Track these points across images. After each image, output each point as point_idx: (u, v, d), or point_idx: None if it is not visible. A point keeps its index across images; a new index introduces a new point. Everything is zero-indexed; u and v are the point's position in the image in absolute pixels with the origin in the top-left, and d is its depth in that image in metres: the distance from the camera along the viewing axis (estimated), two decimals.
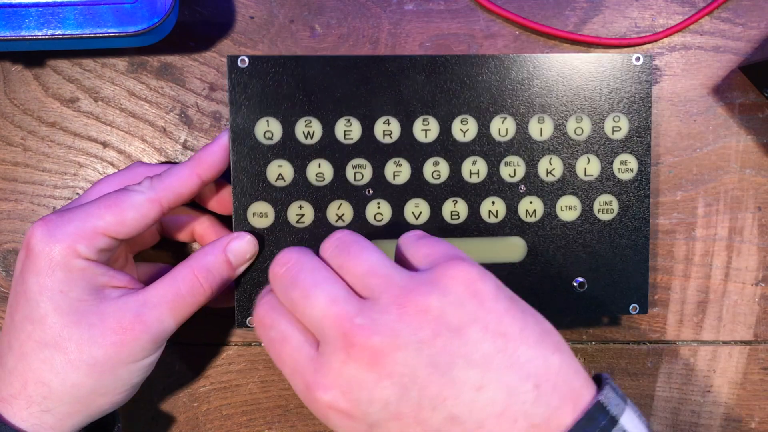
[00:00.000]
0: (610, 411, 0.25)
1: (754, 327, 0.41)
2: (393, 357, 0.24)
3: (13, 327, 0.30)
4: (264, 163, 0.34)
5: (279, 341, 0.27)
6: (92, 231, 0.30)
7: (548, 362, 0.25)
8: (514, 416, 0.24)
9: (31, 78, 0.38)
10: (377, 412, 0.24)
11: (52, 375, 0.29)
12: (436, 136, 0.35)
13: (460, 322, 0.25)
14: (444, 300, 0.25)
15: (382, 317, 0.25)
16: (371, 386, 0.24)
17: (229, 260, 0.32)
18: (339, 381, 0.25)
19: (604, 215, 0.36)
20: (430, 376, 0.24)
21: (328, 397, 0.25)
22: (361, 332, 0.25)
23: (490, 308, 0.26)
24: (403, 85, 0.34)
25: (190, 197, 0.32)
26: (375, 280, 0.26)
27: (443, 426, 0.24)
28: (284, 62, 0.34)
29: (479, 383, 0.24)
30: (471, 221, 0.35)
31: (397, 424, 0.25)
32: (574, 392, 0.25)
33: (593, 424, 0.24)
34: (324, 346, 0.26)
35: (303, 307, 0.26)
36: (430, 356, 0.24)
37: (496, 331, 0.25)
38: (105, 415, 0.31)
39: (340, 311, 0.25)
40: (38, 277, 0.29)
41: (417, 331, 0.25)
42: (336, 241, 0.28)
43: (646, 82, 0.36)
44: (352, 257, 0.27)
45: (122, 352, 0.29)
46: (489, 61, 0.35)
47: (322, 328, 0.26)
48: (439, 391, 0.24)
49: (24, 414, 0.29)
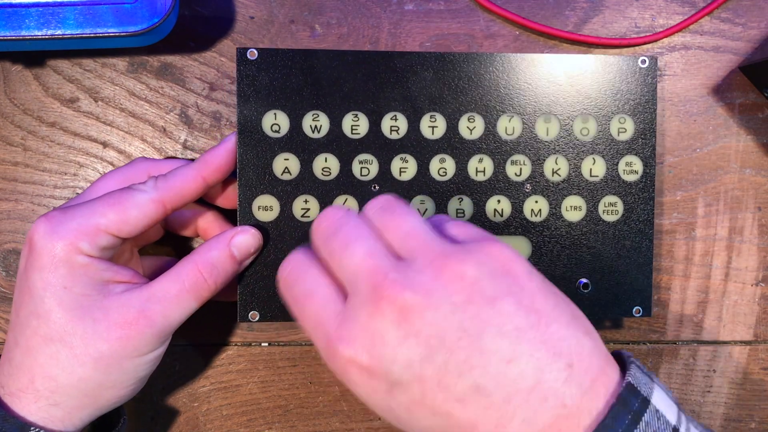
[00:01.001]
0: (641, 392, 0.24)
1: (754, 327, 0.41)
2: (422, 316, 0.24)
3: (18, 322, 0.30)
4: (270, 156, 0.34)
5: (303, 297, 0.27)
6: (95, 228, 0.30)
7: (581, 343, 0.25)
8: (545, 394, 0.23)
9: (31, 78, 0.38)
10: (399, 371, 0.24)
11: (59, 370, 0.29)
12: (443, 133, 0.35)
13: (494, 293, 0.24)
14: (480, 270, 0.25)
15: (417, 276, 0.25)
16: (396, 343, 0.24)
17: (233, 254, 0.32)
18: (363, 335, 0.24)
19: (608, 216, 0.36)
20: (459, 341, 0.24)
21: (350, 351, 0.24)
22: (392, 286, 0.24)
23: (524, 285, 0.25)
24: (411, 81, 0.35)
25: (193, 198, 0.33)
26: (415, 241, 0.26)
27: (467, 395, 0.24)
28: (293, 56, 0.34)
29: (510, 355, 0.24)
30: (476, 219, 0.35)
31: (419, 387, 0.24)
32: (605, 376, 0.24)
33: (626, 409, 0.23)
34: (353, 299, 0.25)
35: (340, 257, 0.26)
36: (462, 321, 0.24)
37: (529, 306, 0.25)
38: (113, 408, 0.32)
39: (375, 264, 0.25)
40: (42, 273, 0.29)
41: (451, 294, 0.24)
42: (382, 201, 0.28)
43: (652, 84, 0.36)
44: (396, 217, 0.27)
45: (127, 347, 0.30)
46: (497, 60, 0.35)
47: (356, 279, 0.25)
48: (467, 358, 0.24)
49: (32, 408, 0.29)
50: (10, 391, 0.30)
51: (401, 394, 0.24)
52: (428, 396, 0.24)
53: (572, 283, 0.36)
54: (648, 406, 0.24)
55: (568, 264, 0.36)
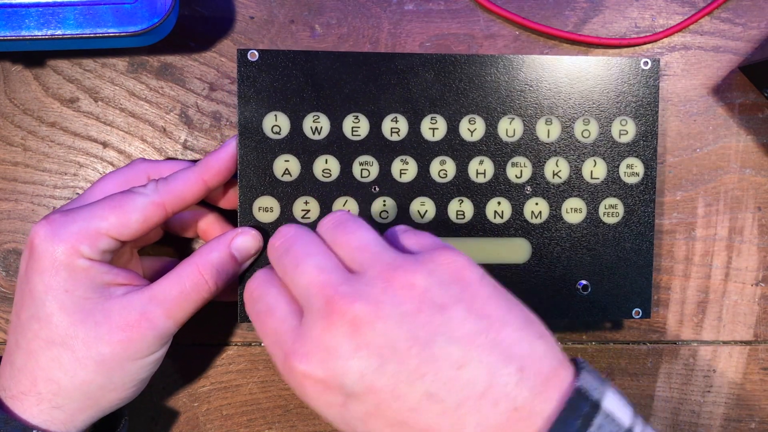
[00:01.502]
0: (591, 396, 0.24)
1: (754, 327, 0.41)
2: (373, 326, 0.24)
3: (20, 325, 0.30)
4: (271, 158, 0.34)
5: (264, 313, 0.27)
6: (95, 232, 0.30)
7: (533, 346, 0.25)
8: (496, 398, 0.24)
9: (31, 78, 0.38)
10: (353, 383, 0.24)
11: (61, 373, 0.29)
12: (443, 134, 0.35)
13: (444, 301, 0.25)
14: (430, 279, 0.25)
15: (366, 288, 0.25)
16: (348, 355, 0.24)
17: (233, 256, 0.32)
18: (317, 349, 0.25)
19: (609, 218, 0.36)
20: (409, 350, 0.24)
21: (304, 366, 0.25)
22: (343, 299, 0.25)
23: (475, 292, 0.26)
24: (412, 83, 0.35)
25: (194, 202, 0.33)
26: (365, 254, 0.27)
27: (420, 403, 0.24)
28: (294, 57, 0.34)
29: (460, 361, 0.24)
30: (476, 221, 0.35)
31: (373, 398, 0.24)
32: (558, 378, 0.25)
33: (576, 413, 0.24)
34: (307, 315, 0.26)
35: (292, 274, 0.27)
36: (411, 329, 0.24)
37: (480, 312, 0.25)
38: (114, 410, 0.32)
39: (326, 279, 0.26)
40: (42, 276, 0.29)
41: (400, 304, 0.25)
42: (334, 218, 0.29)
43: (654, 86, 0.36)
44: (347, 233, 0.28)
45: (129, 349, 0.30)
46: (498, 62, 0.35)
47: (308, 294, 0.26)
48: (418, 366, 0.24)
49: (35, 410, 0.29)
50: (12, 394, 0.30)
51: (356, 407, 0.24)
52: (382, 407, 0.24)
53: (572, 285, 0.36)
54: (599, 410, 0.24)
55: (568, 266, 0.36)
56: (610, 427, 0.24)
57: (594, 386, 0.25)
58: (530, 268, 0.36)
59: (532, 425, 0.24)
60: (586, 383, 0.25)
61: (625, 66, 0.36)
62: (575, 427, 0.23)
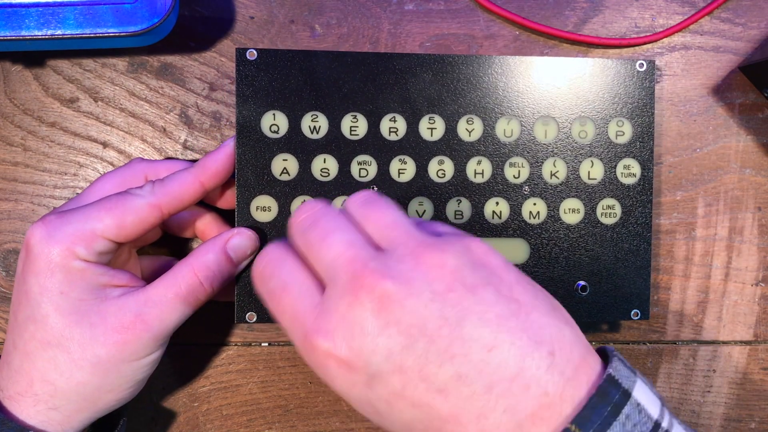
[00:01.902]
0: (622, 384, 0.24)
1: (754, 327, 0.41)
2: (403, 304, 0.23)
3: (16, 326, 0.30)
4: (269, 157, 0.34)
5: (279, 290, 0.27)
6: (91, 233, 0.30)
7: (562, 332, 0.24)
8: (527, 382, 0.23)
9: (31, 78, 0.38)
10: (379, 362, 0.23)
11: (57, 374, 0.29)
12: (441, 135, 0.35)
13: (474, 282, 0.24)
14: (460, 260, 0.25)
15: (396, 265, 0.24)
16: (376, 333, 0.23)
17: (229, 257, 0.32)
18: (342, 326, 0.24)
19: (606, 219, 0.36)
20: (439, 330, 0.23)
21: (327, 344, 0.24)
22: (372, 275, 0.24)
23: (502, 276, 0.25)
24: (410, 83, 0.35)
25: (191, 203, 0.32)
26: (396, 232, 0.26)
27: (449, 384, 0.23)
28: (292, 56, 0.34)
29: (491, 343, 0.23)
30: (474, 221, 0.35)
31: (399, 378, 0.23)
32: (587, 365, 0.24)
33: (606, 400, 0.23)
34: (331, 290, 0.25)
35: (318, 248, 0.26)
36: (442, 309, 0.23)
37: (509, 296, 0.24)
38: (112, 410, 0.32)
39: (354, 254, 0.25)
40: (38, 278, 0.29)
41: (431, 282, 0.24)
42: (363, 195, 0.28)
43: (650, 88, 0.36)
44: (376, 210, 0.27)
45: (125, 351, 0.30)
46: (496, 63, 0.35)
47: (334, 269, 0.25)
48: (448, 346, 0.23)
49: (31, 411, 0.29)
50: (8, 394, 0.30)
51: (381, 387, 0.24)
52: (409, 387, 0.23)
53: (570, 286, 0.36)
54: (629, 399, 0.23)
55: (566, 266, 0.36)
56: (638, 417, 0.23)
57: (625, 375, 0.24)
58: (528, 269, 0.36)
59: (562, 411, 0.23)
60: (618, 371, 0.24)
61: (621, 68, 0.36)
62: (604, 414, 0.23)
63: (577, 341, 0.25)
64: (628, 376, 0.24)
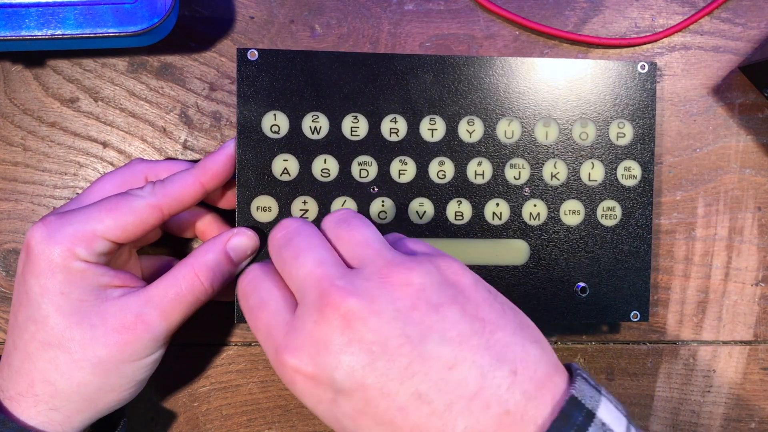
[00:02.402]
0: (585, 405, 0.23)
1: (754, 327, 0.41)
2: (366, 322, 0.24)
3: (17, 327, 0.30)
4: (270, 157, 0.34)
5: (257, 307, 0.27)
6: (91, 234, 0.30)
7: (526, 350, 0.25)
8: (487, 401, 0.23)
9: (31, 78, 0.38)
10: (342, 379, 0.24)
11: (58, 375, 0.29)
12: (442, 135, 0.35)
13: (440, 301, 0.25)
14: (426, 279, 0.25)
15: (363, 283, 0.25)
16: (339, 350, 0.24)
17: (230, 257, 0.32)
18: (308, 343, 0.24)
19: (607, 221, 0.36)
20: (400, 348, 0.24)
21: (295, 360, 0.25)
22: (338, 293, 0.25)
23: (469, 295, 0.26)
24: (411, 84, 0.35)
25: (192, 204, 0.32)
26: (366, 251, 0.27)
27: (409, 403, 0.23)
28: (293, 57, 0.34)
29: (452, 362, 0.24)
30: (475, 222, 0.35)
31: (362, 395, 0.24)
32: (553, 384, 0.24)
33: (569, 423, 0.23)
34: (301, 308, 0.26)
35: (291, 266, 0.27)
36: (404, 327, 0.24)
37: (474, 315, 0.25)
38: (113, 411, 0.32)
39: (323, 272, 0.26)
40: (38, 278, 0.29)
41: (395, 300, 0.25)
42: (338, 214, 0.29)
43: (651, 89, 0.36)
44: (350, 228, 0.28)
45: (125, 351, 0.30)
46: (497, 63, 0.35)
47: (304, 288, 0.26)
48: (408, 365, 0.24)
49: (32, 412, 0.29)
50: (9, 395, 0.30)
51: (345, 403, 0.24)
52: (371, 404, 0.24)
53: (570, 287, 0.36)
54: (593, 420, 0.23)
55: (566, 268, 0.36)
56: None
57: (589, 394, 0.24)
58: (528, 270, 0.36)
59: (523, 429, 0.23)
60: (581, 391, 0.24)
61: (622, 69, 0.36)
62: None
63: (544, 359, 0.25)
64: (592, 395, 0.24)
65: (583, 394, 0.24)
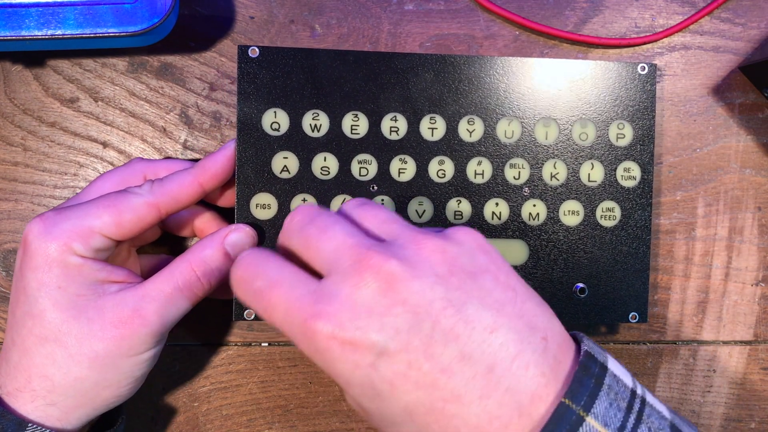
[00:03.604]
0: (598, 359, 0.25)
1: (754, 327, 0.41)
2: (409, 285, 0.24)
3: (14, 322, 0.30)
4: (269, 154, 0.34)
5: (267, 288, 0.26)
6: (88, 230, 0.30)
7: (552, 321, 0.26)
8: (527, 362, 0.24)
9: (31, 78, 0.38)
10: (386, 340, 0.23)
11: (55, 369, 0.29)
12: (442, 135, 0.35)
13: (474, 269, 0.25)
14: (459, 248, 0.26)
15: (399, 250, 0.25)
16: (383, 311, 0.24)
17: (227, 253, 0.32)
18: (345, 307, 0.24)
19: (606, 221, 0.36)
20: (444, 310, 0.24)
21: (329, 326, 0.24)
22: (378, 255, 0.24)
23: (499, 264, 0.26)
24: (412, 82, 0.35)
25: (189, 204, 0.33)
26: (393, 226, 0.27)
27: (453, 363, 0.24)
28: (294, 54, 0.34)
29: (492, 325, 0.24)
30: (474, 221, 0.35)
31: (405, 357, 0.24)
32: (570, 348, 0.26)
33: (589, 373, 0.24)
34: (334, 276, 0.25)
35: (318, 240, 0.26)
36: (446, 291, 0.24)
37: (506, 283, 0.26)
38: (111, 409, 0.32)
39: (357, 241, 0.25)
40: (36, 273, 0.29)
41: (434, 266, 0.25)
42: (357, 200, 0.29)
43: (651, 91, 0.36)
44: (374, 208, 0.28)
45: (122, 346, 0.30)
46: (497, 63, 0.35)
47: (336, 258, 0.25)
48: (453, 327, 0.24)
49: (29, 407, 0.29)
50: (7, 390, 0.30)
51: (386, 366, 0.24)
52: (414, 366, 0.24)
53: (568, 288, 0.36)
54: (606, 371, 0.25)
55: (565, 268, 0.36)
56: (617, 386, 0.25)
57: (598, 351, 0.26)
58: (527, 270, 0.36)
59: (554, 390, 0.24)
60: (592, 348, 0.26)
61: (622, 70, 0.36)
62: (590, 385, 0.24)
63: (562, 330, 0.26)
64: (600, 352, 0.26)
65: (594, 350, 0.26)
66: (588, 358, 0.25)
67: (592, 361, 0.25)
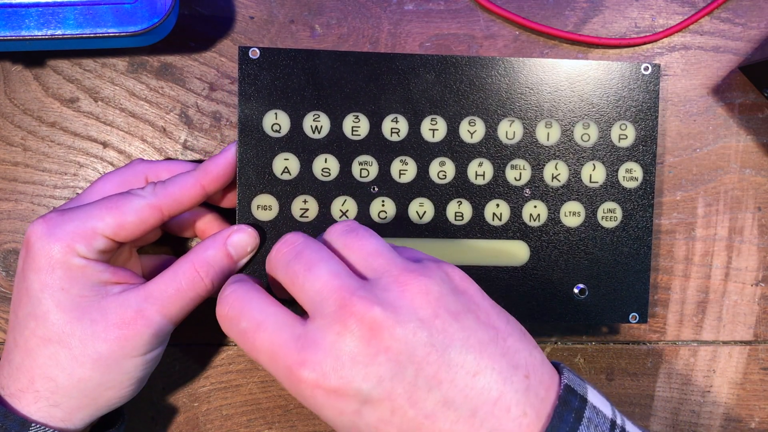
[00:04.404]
0: (577, 391, 0.25)
1: (754, 327, 0.41)
2: (392, 332, 0.24)
3: (17, 323, 0.30)
4: (270, 156, 0.34)
5: (252, 330, 0.26)
6: (91, 232, 0.30)
7: (533, 355, 0.26)
8: (508, 404, 0.24)
9: (31, 78, 0.38)
10: (370, 389, 0.24)
11: (58, 370, 0.29)
12: (443, 136, 0.35)
13: (457, 309, 0.25)
14: (442, 287, 0.26)
15: (383, 293, 0.25)
16: (367, 361, 0.24)
17: (229, 253, 0.32)
18: (330, 356, 0.24)
19: (607, 223, 0.36)
20: (427, 356, 0.24)
21: (315, 375, 0.24)
22: (361, 302, 0.24)
23: (480, 303, 0.26)
24: (413, 83, 0.35)
25: (191, 206, 0.33)
26: (379, 260, 0.27)
27: (436, 409, 0.24)
28: (295, 55, 0.34)
29: (475, 369, 0.24)
30: (475, 223, 0.35)
31: (389, 405, 0.24)
32: (552, 381, 0.26)
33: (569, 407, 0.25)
34: (317, 321, 0.25)
35: (303, 279, 0.26)
36: (429, 336, 0.24)
37: (487, 322, 0.26)
38: (113, 409, 0.32)
39: (341, 283, 0.25)
40: (39, 274, 0.29)
41: (417, 310, 0.25)
42: (345, 224, 0.29)
43: (654, 91, 0.36)
44: (359, 239, 0.28)
45: (126, 347, 0.30)
46: (499, 64, 0.35)
47: (321, 300, 0.25)
48: (436, 373, 0.24)
49: (32, 408, 0.29)
50: (10, 392, 0.30)
51: (370, 413, 0.24)
52: (398, 413, 0.24)
53: (569, 289, 0.36)
54: (586, 404, 0.25)
55: (566, 269, 0.36)
56: (597, 419, 0.25)
57: (577, 383, 0.26)
58: (528, 271, 0.36)
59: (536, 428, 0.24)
60: (572, 381, 0.26)
61: (625, 70, 0.36)
62: (570, 421, 0.24)
63: (544, 362, 0.26)
64: (580, 383, 0.26)
65: (574, 383, 0.26)
66: (568, 392, 0.25)
67: (572, 395, 0.25)
